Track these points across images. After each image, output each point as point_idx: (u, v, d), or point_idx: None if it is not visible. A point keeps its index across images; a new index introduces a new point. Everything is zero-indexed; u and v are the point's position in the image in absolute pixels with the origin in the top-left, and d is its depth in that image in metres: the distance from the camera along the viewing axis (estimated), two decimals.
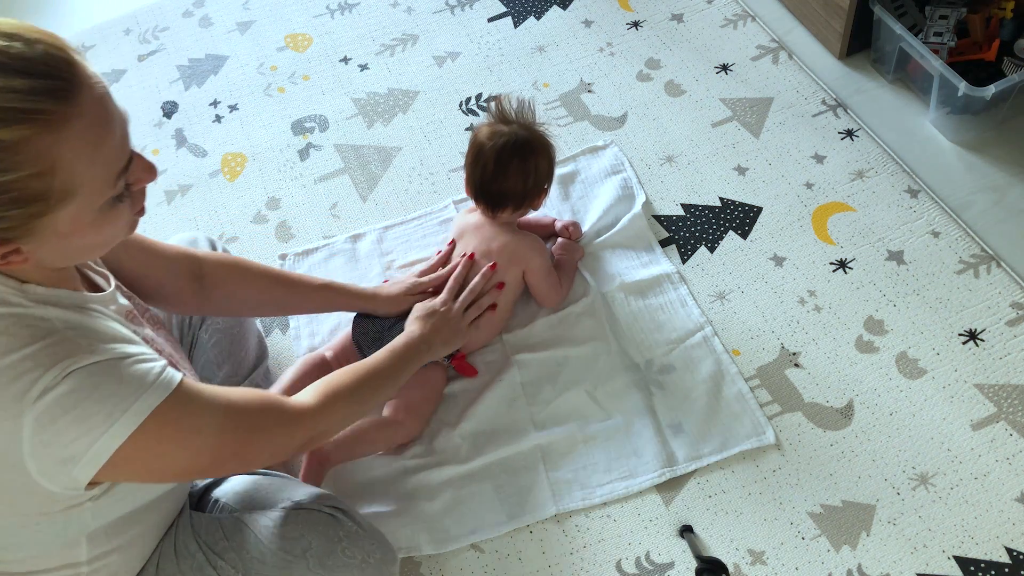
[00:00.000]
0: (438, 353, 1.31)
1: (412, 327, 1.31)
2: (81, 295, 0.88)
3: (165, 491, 1.00)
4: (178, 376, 0.86)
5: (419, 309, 1.35)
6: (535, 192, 1.45)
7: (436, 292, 1.40)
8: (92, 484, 0.83)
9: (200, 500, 1.14)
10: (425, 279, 1.43)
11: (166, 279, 1.15)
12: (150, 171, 0.84)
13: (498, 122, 1.42)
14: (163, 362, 0.86)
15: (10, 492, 0.82)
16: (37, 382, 0.77)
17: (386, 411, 1.36)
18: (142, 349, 0.86)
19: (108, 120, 0.77)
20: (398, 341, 1.25)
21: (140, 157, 0.82)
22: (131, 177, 0.82)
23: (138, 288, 1.10)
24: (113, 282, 0.98)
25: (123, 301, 0.98)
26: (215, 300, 1.22)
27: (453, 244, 1.49)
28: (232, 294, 1.24)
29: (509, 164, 1.39)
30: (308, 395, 1.04)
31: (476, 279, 1.41)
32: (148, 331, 1.00)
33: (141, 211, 0.87)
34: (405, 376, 1.22)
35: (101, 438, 0.79)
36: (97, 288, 0.95)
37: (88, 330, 0.83)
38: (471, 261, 1.44)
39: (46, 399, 0.77)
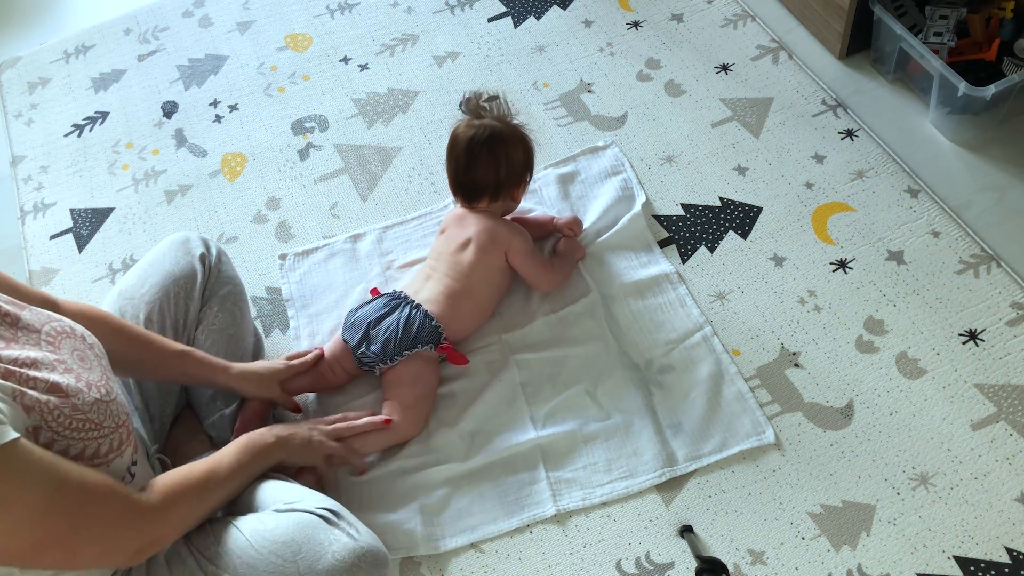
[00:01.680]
0: (288, 457, 1.21)
1: (275, 429, 1.21)
2: None
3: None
4: (9, 434, 0.78)
5: (290, 428, 1.24)
6: (511, 182, 1.46)
7: (307, 375, 1.39)
8: None
9: None
10: (296, 362, 1.37)
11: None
12: None
13: (473, 118, 1.46)
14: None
15: None
16: None
17: (384, 411, 1.37)
18: None
19: None
20: (250, 437, 1.16)
21: None
22: None
23: None
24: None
25: (62, 320, 0.94)
26: None
27: (322, 352, 1.43)
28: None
29: (479, 155, 1.43)
30: (152, 494, 0.97)
31: (362, 421, 1.33)
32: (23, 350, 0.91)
33: None
34: (253, 474, 1.14)
35: None
36: None
37: None
38: (319, 357, 1.41)
39: None
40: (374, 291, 1.51)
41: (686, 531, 1.27)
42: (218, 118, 1.96)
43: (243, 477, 1.12)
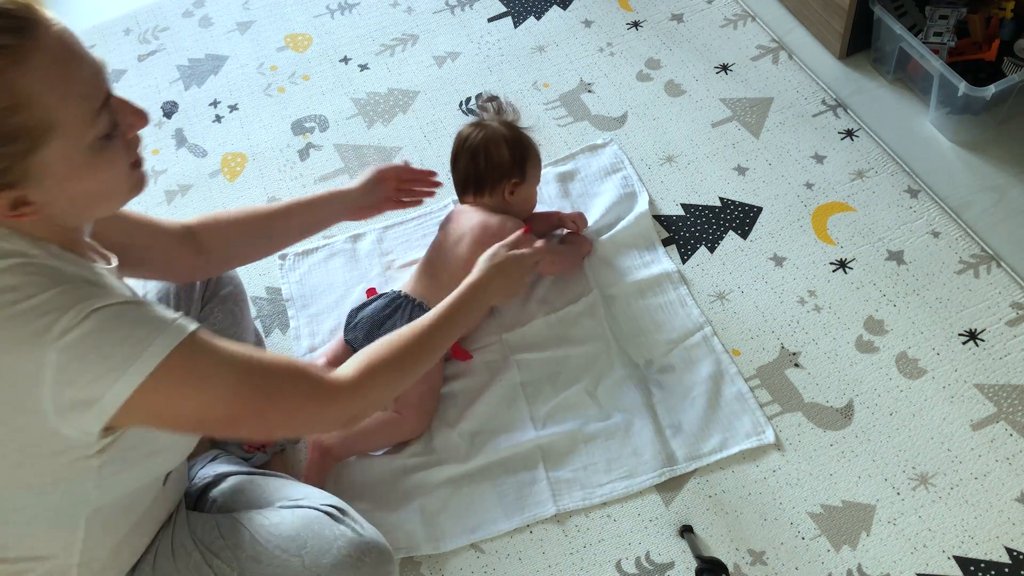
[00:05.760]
0: (494, 301, 1.21)
1: (476, 274, 1.20)
2: (92, 264, 0.90)
3: (159, 483, 1.00)
4: (195, 325, 0.86)
5: (492, 256, 1.23)
6: (494, 177, 1.48)
7: (400, 177, 1.40)
8: (108, 430, 0.84)
9: (198, 500, 1.14)
10: (390, 167, 1.41)
11: (167, 247, 1.17)
12: (140, 116, 0.85)
13: (481, 119, 1.51)
14: (180, 313, 0.87)
15: (27, 441, 0.82)
16: (58, 322, 0.78)
17: (389, 409, 1.37)
18: (153, 301, 0.87)
19: (72, 56, 0.79)
20: (456, 290, 1.17)
21: (126, 101, 0.84)
22: (121, 122, 0.83)
23: (144, 262, 1.13)
24: (115, 261, 0.99)
25: (126, 282, 1.00)
26: (214, 253, 1.23)
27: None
28: (224, 240, 1.25)
29: (462, 150, 1.49)
30: (349, 368, 1.01)
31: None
32: None
33: (138, 162, 0.88)
34: (460, 327, 1.14)
35: (121, 378, 0.80)
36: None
37: (102, 284, 0.85)
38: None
39: (68, 338, 0.78)
40: (371, 291, 1.51)
41: (686, 531, 1.27)
42: (218, 118, 1.96)
43: (450, 331, 1.11)
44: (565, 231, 1.59)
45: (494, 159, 1.47)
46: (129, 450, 0.89)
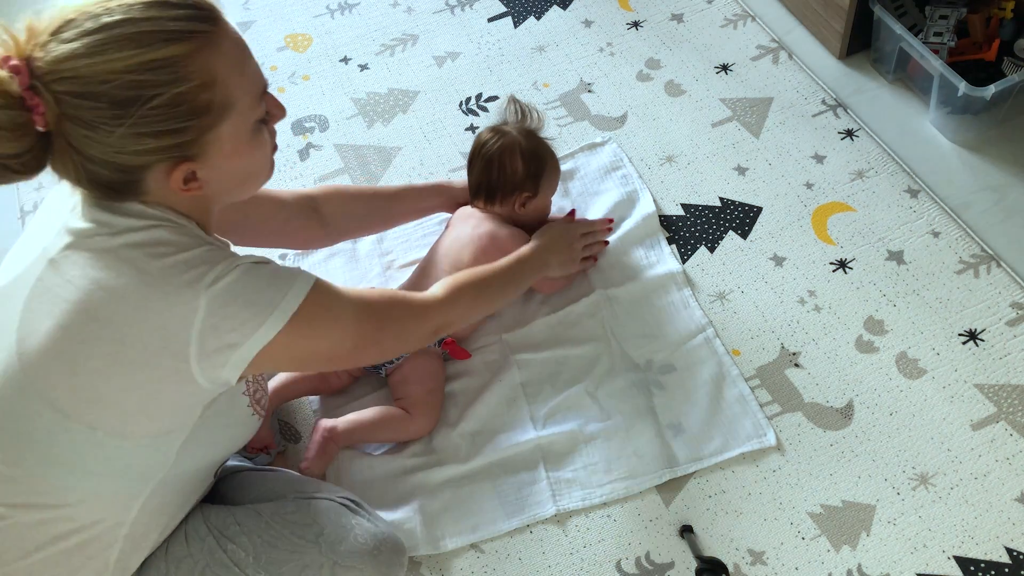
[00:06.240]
0: (552, 270, 1.41)
1: (532, 242, 1.41)
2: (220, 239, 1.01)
3: (213, 470, 1.09)
4: (313, 276, 0.97)
5: (545, 227, 1.45)
6: (506, 189, 1.46)
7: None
8: (239, 379, 0.93)
9: (208, 495, 1.15)
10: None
11: (291, 220, 1.32)
12: (281, 108, 0.97)
13: (503, 123, 1.50)
14: (297, 267, 1.01)
15: (155, 384, 0.89)
16: (209, 272, 0.88)
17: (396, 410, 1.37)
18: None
19: (245, 46, 0.91)
20: (519, 251, 1.37)
21: (271, 95, 0.95)
22: (268, 108, 0.95)
23: (269, 235, 1.30)
24: (231, 247, 1.05)
25: None
26: (335, 227, 1.39)
27: None
28: (347, 215, 1.41)
29: (478, 155, 1.49)
30: (436, 288, 1.18)
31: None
32: None
33: (275, 147, 0.99)
34: (523, 284, 1.36)
35: (265, 323, 0.90)
36: None
37: (233, 252, 0.96)
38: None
39: (219, 285, 0.88)
40: None
41: (686, 531, 1.27)
42: None
43: (514, 284, 1.33)
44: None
45: (507, 171, 1.45)
46: (216, 417, 0.97)
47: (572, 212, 1.54)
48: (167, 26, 0.82)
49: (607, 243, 1.56)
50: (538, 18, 2.04)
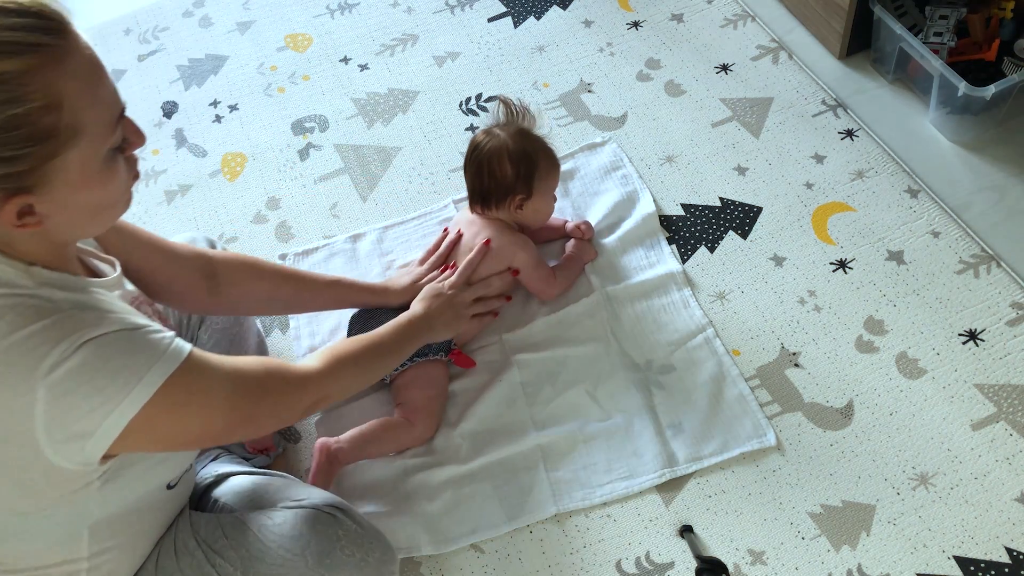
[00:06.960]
0: (439, 335, 1.33)
1: (416, 306, 1.33)
2: (84, 279, 0.89)
3: (164, 488, 1.01)
4: (188, 347, 0.87)
5: (427, 290, 1.37)
6: (498, 193, 1.43)
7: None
8: (106, 457, 0.83)
9: (200, 500, 1.14)
10: (426, 266, 1.46)
11: (179, 277, 1.16)
12: (140, 135, 0.86)
13: (495, 125, 1.46)
14: (172, 333, 0.87)
15: (22, 473, 0.82)
16: (48, 356, 0.77)
17: (396, 415, 1.37)
18: (149, 322, 0.86)
19: (98, 64, 0.80)
20: (401, 318, 1.28)
21: (130, 119, 0.85)
22: (126, 134, 0.84)
23: (148, 285, 1.11)
24: (119, 268, 0.99)
25: (129, 287, 0.99)
26: (227, 299, 1.23)
27: (446, 231, 1.51)
28: (245, 293, 1.25)
29: (471, 160, 1.45)
30: (314, 360, 1.07)
31: (483, 267, 1.43)
32: (155, 322, 1.01)
33: (135, 175, 0.88)
34: (406, 352, 1.26)
35: (115, 410, 0.80)
36: (101, 275, 0.97)
37: (94, 308, 0.84)
38: (458, 238, 1.47)
39: (58, 372, 0.77)
40: None
41: (686, 531, 1.27)
42: (218, 118, 1.96)
43: (397, 353, 1.24)
44: (572, 241, 1.57)
45: (497, 176, 1.42)
46: (129, 467, 0.89)
47: (487, 242, 1.43)
48: (3, 36, 0.72)
49: (509, 298, 1.49)
50: (538, 18, 2.04)
